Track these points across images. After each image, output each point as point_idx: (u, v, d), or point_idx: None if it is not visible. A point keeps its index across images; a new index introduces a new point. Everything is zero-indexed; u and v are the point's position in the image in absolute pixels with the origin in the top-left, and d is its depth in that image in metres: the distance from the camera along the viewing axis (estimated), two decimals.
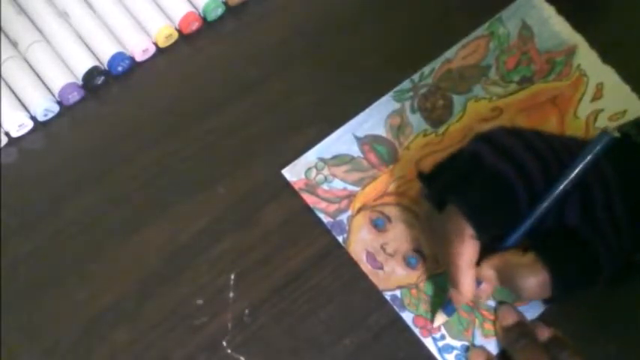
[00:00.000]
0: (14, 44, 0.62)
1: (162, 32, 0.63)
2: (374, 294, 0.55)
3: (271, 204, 0.58)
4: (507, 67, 0.63)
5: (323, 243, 0.57)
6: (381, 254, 0.57)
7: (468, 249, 0.50)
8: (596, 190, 0.50)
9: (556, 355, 0.52)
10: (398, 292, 0.56)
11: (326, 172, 0.59)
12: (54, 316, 0.54)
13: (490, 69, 0.63)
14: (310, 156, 0.60)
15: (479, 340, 0.55)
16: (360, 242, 0.57)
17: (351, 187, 0.59)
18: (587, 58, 0.63)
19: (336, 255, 0.56)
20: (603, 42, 0.63)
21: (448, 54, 0.63)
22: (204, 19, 0.64)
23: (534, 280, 0.49)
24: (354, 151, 0.60)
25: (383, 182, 0.59)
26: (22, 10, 0.63)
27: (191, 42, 0.64)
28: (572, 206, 0.50)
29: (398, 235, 0.57)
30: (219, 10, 0.65)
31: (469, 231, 0.49)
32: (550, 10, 0.65)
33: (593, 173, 0.50)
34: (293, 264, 0.56)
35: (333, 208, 0.58)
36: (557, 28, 0.64)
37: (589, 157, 0.49)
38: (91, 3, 0.63)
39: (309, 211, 0.58)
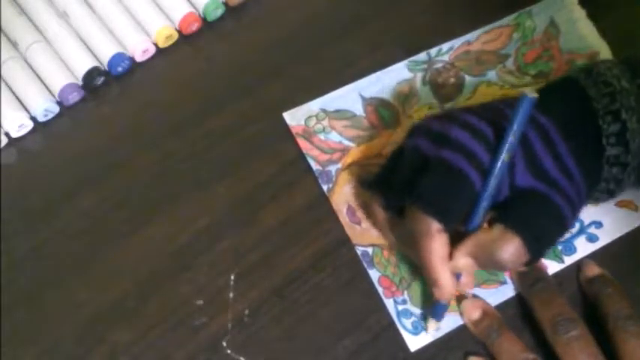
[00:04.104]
0: (14, 44, 0.62)
1: (163, 33, 0.63)
2: (374, 294, 0.55)
3: (271, 204, 0.58)
4: (526, 59, 0.63)
5: (323, 243, 0.57)
6: (363, 210, 0.57)
7: (438, 244, 0.50)
8: (537, 144, 0.51)
9: (601, 289, 0.53)
10: (370, 250, 0.56)
11: (325, 123, 0.60)
12: (54, 316, 0.54)
13: (508, 58, 0.63)
14: (313, 105, 0.61)
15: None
16: (344, 195, 0.58)
17: (346, 142, 0.60)
18: None
19: (336, 255, 0.56)
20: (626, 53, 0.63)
21: (470, 36, 0.64)
22: (204, 19, 0.64)
23: (509, 248, 0.49)
24: (357, 109, 0.61)
25: (379, 144, 0.60)
26: (22, 11, 0.63)
27: (191, 42, 0.64)
28: (520, 168, 0.50)
29: None
30: (219, 11, 0.65)
31: (435, 225, 0.49)
32: (580, 13, 0.65)
33: (532, 129, 0.51)
34: (293, 264, 0.56)
35: (324, 157, 0.59)
36: (584, 32, 0.64)
37: (515, 124, 0.49)
38: (91, 3, 0.63)
39: (309, 211, 0.58)
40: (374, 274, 0.56)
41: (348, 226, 0.57)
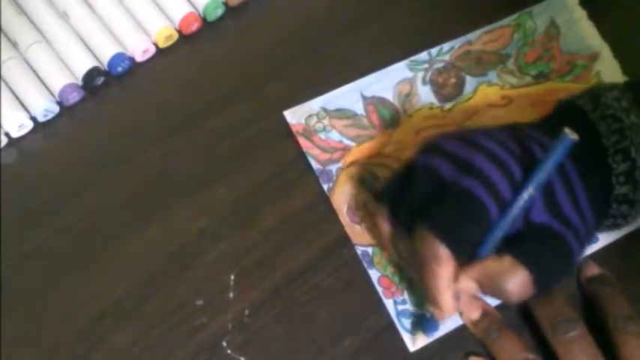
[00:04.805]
0: (14, 44, 0.62)
1: (163, 33, 0.63)
2: (374, 294, 0.55)
3: (271, 204, 0.58)
4: (527, 59, 0.63)
5: (323, 243, 0.57)
6: (362, 210, 0.57)
7: (445, 270, 0.49)
8: (557, 182, 0.50)
9: (601, 290, 0.54)
10: (370, 250, 0.56)
11: (326, 122, 0.60)
12: (54, 316, 0.54)
13: (509, 58, 0.63)
14: (314, 104, 0.61)
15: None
16: (344, 194, 0.58)
17: (347, 141, 0.60)
18: (608, 67, 0.63)
19: (336, 255, 0.56)
20: (627, 54, 0.63)
21: (471, 36, 0.64)
22: (204, 19, 0.64)
23: (517, 281, 0.49)
24: (358, 108, 0.61)
25: (379, 143, 0.60)
26: (22, 11, 0.63)
27: (191, 42, 0.64)
28: (539, 204, 0.50)
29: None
30: (219, 11, 0.65)
31: (445, 252, 0.49)
32: (581, 13, 0.65)
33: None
34: (293, 264, 0.56)
35: (325, 157, 0.59)
36: (585, 33, 0.64)
37: (551, 163, 0.49)
38: (91, 3, 0.63)
39: (309, 211, 0.58)
40: (374, 274, 0.56)
41: (348, 225, 0.57)
